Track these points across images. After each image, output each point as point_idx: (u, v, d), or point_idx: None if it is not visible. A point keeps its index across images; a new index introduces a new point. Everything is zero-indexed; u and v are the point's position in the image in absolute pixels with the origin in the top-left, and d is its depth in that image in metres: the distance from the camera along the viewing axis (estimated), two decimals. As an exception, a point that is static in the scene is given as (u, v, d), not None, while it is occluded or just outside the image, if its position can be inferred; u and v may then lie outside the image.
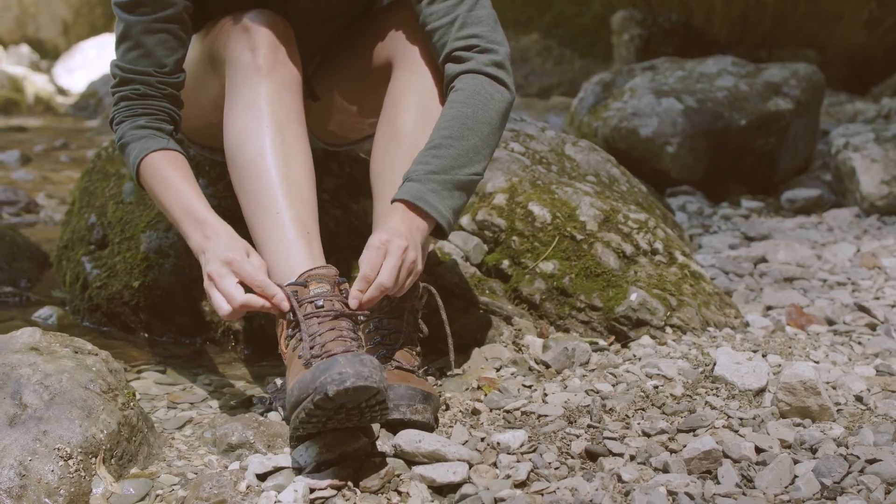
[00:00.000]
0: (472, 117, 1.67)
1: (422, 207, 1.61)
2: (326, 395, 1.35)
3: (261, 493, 1.41)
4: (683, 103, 3.87)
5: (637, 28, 6.66)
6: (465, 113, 1.68)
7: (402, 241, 1.56)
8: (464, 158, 1.66)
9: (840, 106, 5.43)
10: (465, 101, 1.69)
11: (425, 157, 1.65)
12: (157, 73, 1.74)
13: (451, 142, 1.66)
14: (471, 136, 1.67)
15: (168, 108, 1.77)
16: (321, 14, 1.88)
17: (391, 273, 1.54)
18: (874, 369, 1.85)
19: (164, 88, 1.76)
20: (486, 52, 1.72)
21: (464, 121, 1.67)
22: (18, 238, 2.76)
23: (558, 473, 1.47)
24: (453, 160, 1.65)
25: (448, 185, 1.64)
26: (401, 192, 1.62)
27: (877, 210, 3.36)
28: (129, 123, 1.75)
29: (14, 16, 11.49)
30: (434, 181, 1.63)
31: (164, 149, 1.72)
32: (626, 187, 2.44)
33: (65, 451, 1.40)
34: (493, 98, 1.71)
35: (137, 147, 1.73)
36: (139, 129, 1.74)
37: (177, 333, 2.18)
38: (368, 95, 1.91)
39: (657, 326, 2.01)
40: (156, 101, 1.76)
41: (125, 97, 1.75)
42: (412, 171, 1.64)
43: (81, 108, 7.82)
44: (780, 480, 1.41)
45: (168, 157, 1.72)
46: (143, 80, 1.74)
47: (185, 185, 1.69)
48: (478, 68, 1.71)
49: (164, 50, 1.74)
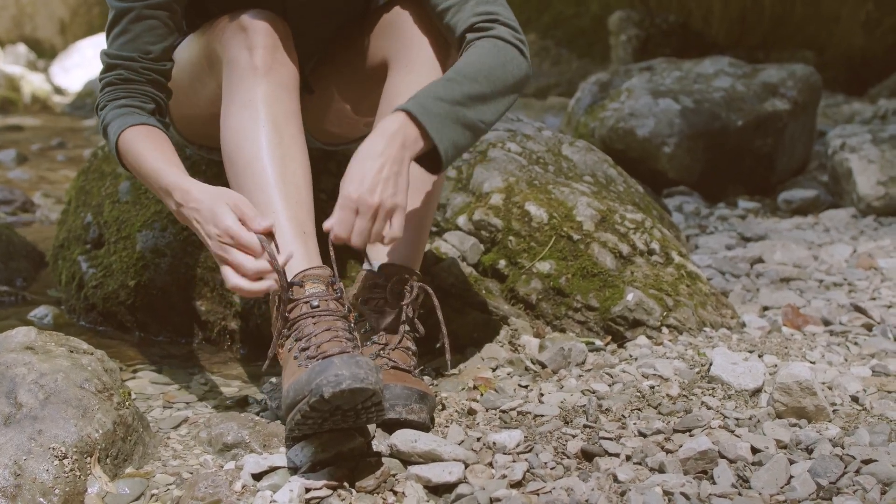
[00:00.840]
0: (486, 70, 1.63)
1: (423, 125, 1.54)
2: (322, 396, 1.35)
3: (256, 492, 1.41)
4: (680, 104, 3.87)
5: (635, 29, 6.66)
6: (480, 63, 1.63)
7: (372, 197, 1.50)
8: (474, 100, 1.60)
9: (837, 107, 5.43)
10: (481, 55, 1.64)
11: (433, 87, 1.59)
12: (141, 58, 1.73)
13: (463, 80, 1.60)
14: (484, 84, 1.61)
15: (151, 92, 1.75)
16: (319, 11, 1.88)
17: (362, 236, 1.51)
18: (870, 370, 1.86)
19: (148, 74, 1.74)
20: (507, 27, 1.70)
21: (479, 68, 1.62)
22: (14, 237, 2.76)
23: (554, 473, 1.47)
24: (464, 97, 1.59)
25: (454, 116, 1.57)
26: (403, 105, 1.55)
27: (873, 211, 3.36)
28: (111, 106, 1.73)
29: (11, 15, 11.48)
30: (442, 107, 1.56)
31: (141, 124, 1.69)
32: (622, 188, 2.44)
33: (60, 450, 1.40)
34: (512, 61, 1.66)
35: (116, 124, 1.70)
36: (120, 108, 1.72)
37: (172, 333, 2.17)
38: (365, 95, 1.91)
39: (653, 327, 2.01)
40: (139, 85, 1.74)
41: (109, 83, 1.74)
42: (417, 93, 1.58)
43: (78, 107, 7.80)
44: (776, 481, 1.41)
45: (144, 130, 1.69)
46: (128, 66, 1.72)
47: (155, 154, 1.63)
48: (501, 35, 1.68)
49: (151, 37, 1.72)
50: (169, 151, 1.66)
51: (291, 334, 1.52)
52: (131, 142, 1.67)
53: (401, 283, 1.71)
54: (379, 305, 1.70)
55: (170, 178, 1.59)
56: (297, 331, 1.50)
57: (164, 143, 1.68)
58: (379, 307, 1.70)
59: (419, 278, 1.74)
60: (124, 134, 1.68)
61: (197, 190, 1.54)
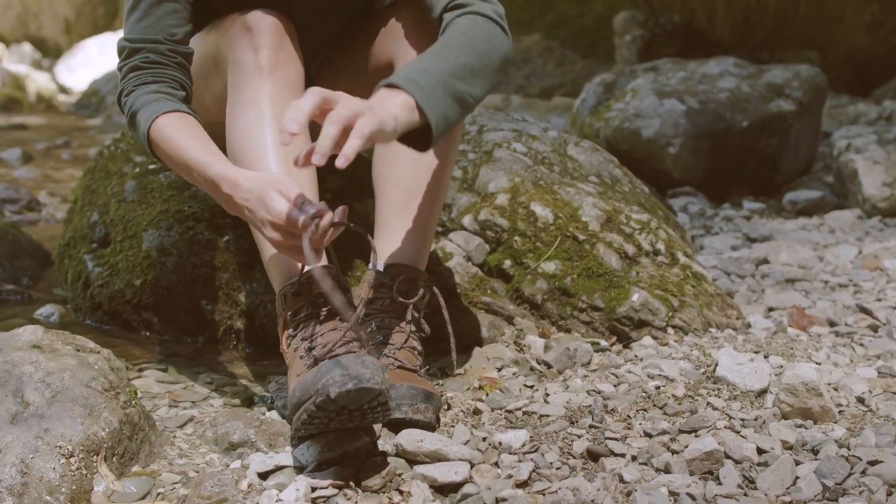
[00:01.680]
0: (470, 43, 1.58)
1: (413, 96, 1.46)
2: (328, 396, 1.35)
3: (262, 491, 1.41)
4: (685, 104, 3.87)
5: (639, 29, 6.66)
6: (463, 38, 1.58)
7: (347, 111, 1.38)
8: (461, 72, 1.53)
9: (842, 108, 5.43)
10: (463, 31, 1.59)
11: (416, 62, 1.52)
12: (167, 40, 1.70)
13: (448, 53, 1.54)
14: (471, 56, 1.55)
15: (179, 77, 1.71)
16: (323, 7, 1.88)
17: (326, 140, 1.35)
18: (876, 371, 1.85)
19: (175, 56, 1.71)
20: (486, 2, 1.66)
21: (463, 41, 1.57)
22: (20, 236, 2.76)
23: (560, 473, 1.47)
24: (453, 68, 1.51)
25: (444, 87, 1.49)
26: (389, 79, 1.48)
27: (879, 212, 3.35)
28: (140, 91, 1.68)
29: (16, 14, 11.49)
30: (429, 79, 1.48)
31: (175, 111, 1.65)
32: (628, 188, 2.44)
33: (66, 448, 1.40)
34: (495, 36, 1.62)
35: (148, 111, 1.65)
36: (151, 94, 1.67)
37: (178, 332, 2.18)
38: (369, 95, 1.90)
39: (659, 327, 2.01)
40: (166, 69, 1.70)
41: (134, 67, 1.70)
42: (401, 70, 1.50)
43: (83, 106, 7.82)
44: (782, 481, 1.41)
45: (179, 119, 1.64)
46: (154, 48, 1.69)
47: (193, 143, 1.58)
48: (480, 10, 1.64)
49: (174, 19, 1.71)
50: (206, 140, 1.62)
51: (298, 333, 1.52)
52: (166, 129, 1.62)
53: (407, 282, 1.71)
54: (385, 305, 1.70)
55: (216, 170, 1.54)
56: (304, 330, 1.51)
57: (200, 132, 1.64)
58: (385, 307, 1.70)
59: (425, 278, 1.74)
60: (157, 122, 1.63)
61: (244, 179, 1.50)
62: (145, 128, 1.64)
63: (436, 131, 1.49)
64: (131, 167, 2.40)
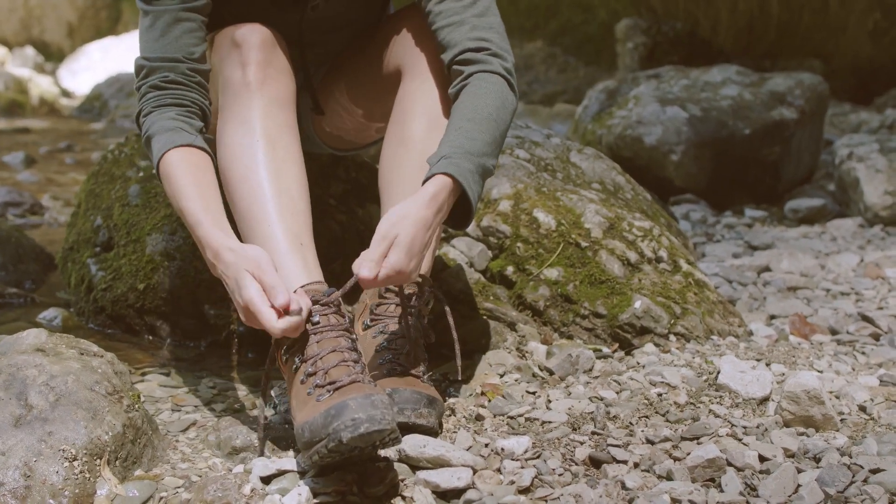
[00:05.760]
0: (495, 112, 1.66)
1: (465, 189, 1.57)
2: (341, 441, 1.35)
3: (265, 496, 1.41)
4: (688, 112, 3.88)
5: (642, 36, 6.66)
6: (486, 105, 1.65)
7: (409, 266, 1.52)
8: (491, 148, 1.64)
9: (844, 116, 5.43)
10: (486, 95, 1.67)
11: (461, 138, 1.61)
12: (186, 59, 1.69)
13: (479, 128, 1.63)
14: (494, 129, 1.65)
15: (199, 100, 1.70)
16: (335, 22, 1.89)
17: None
18: (878, 379, 1.86)
19: (194, 76, 1.69)
20: (499, 57, 1.71)
21: (489, 112, 1.65)
22: (23, 239, 2.77)
23: (562, 480, 1.47)
24: (484, 146, 1.62)
25: (480, 170, 1.61)
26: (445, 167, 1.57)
27: (880, 220, 3.36)
28: (158, 114, 1.67)
29: (19, 18, 11.51)
30: (472, 163, 1.59)
31: (188, 145, 1.64)
32: (630, 195, 2.44)
33: (70, 452, 1.41)
34: (508, 100, 1.70)
35: (162, 140, 1.64)
36: (169, 121, 1.66)
37: (181, 336, 2.18)
38: (377, 101, 1.91)
39: (661, 334, 2.02)
40: (186, 89, 1.69)
41: (154, 86, 1.68)
42: (452, 148, 1.59)
43: (86, 110, 7.82)
44: (784, 489, 1.41)
45: (188, 155, 1.63)
46: (173, 67, 1.68)
47: (193, 192, 1.59)
48: (496, 69, 1.70)
49: (191, 38, 1.69)
50: (207, 184, 1.61)
51: (294, 352, 1.51)
52: (173, 167, 1.62)
53: (411, 288, 1.71)
54: (390, 311, 1.70)
55: (203, 231, 1.55)
56: (301, 350, 1.50)
57: (204, 174, 1.63)
58: (390, 312, 1.70)
59: (430, 284, 1.74)
60: (168, 156, 1.62)
61: (225, 251, 1.51)
62: (157, 158, 1.64)
63: (473, 217, 1.64)
64: (135, 171, 2.41)
